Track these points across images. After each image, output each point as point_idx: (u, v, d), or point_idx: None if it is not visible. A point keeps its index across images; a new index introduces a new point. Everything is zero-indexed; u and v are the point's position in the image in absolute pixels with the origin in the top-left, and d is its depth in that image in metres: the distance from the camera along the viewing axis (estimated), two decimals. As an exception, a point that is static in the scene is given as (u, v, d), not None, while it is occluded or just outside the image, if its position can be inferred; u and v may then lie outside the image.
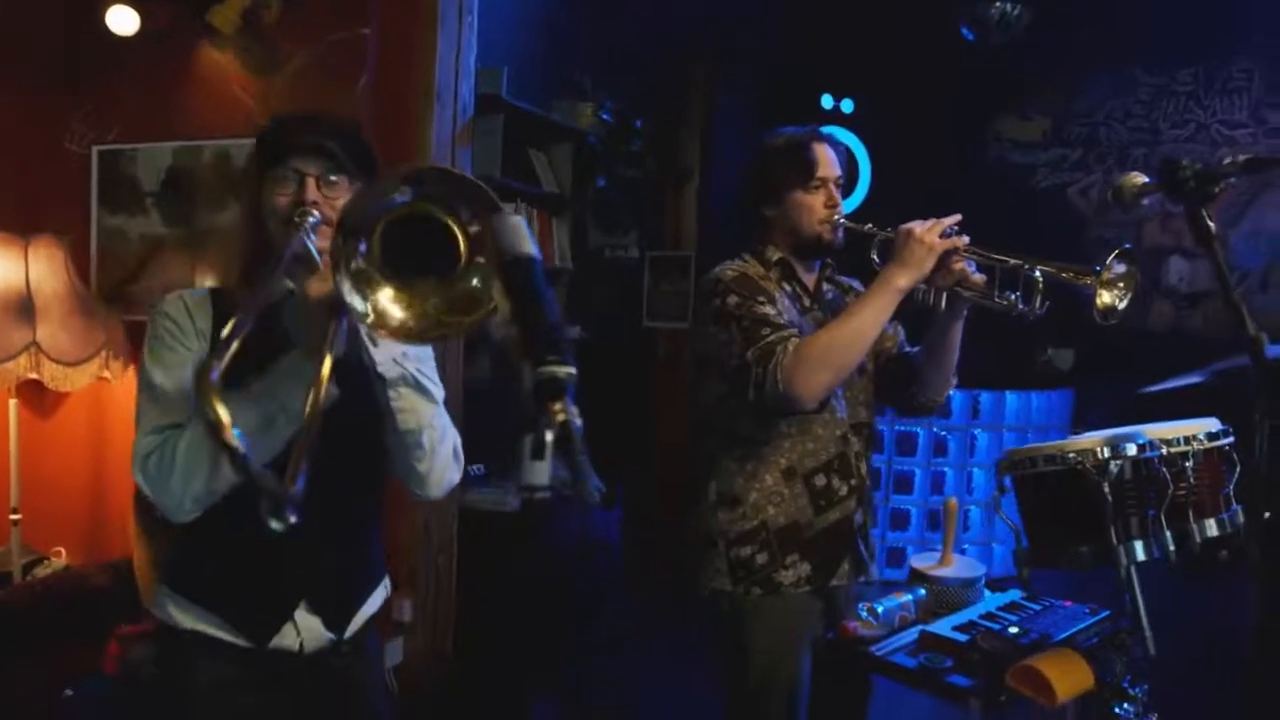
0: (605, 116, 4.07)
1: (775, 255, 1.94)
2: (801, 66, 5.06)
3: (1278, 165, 1.14)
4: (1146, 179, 1.28)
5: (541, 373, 0.64)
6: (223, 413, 0.91)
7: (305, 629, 1.47)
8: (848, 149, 2.06)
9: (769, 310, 1.80)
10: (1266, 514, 1.14)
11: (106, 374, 2.81)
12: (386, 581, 1.65)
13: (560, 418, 0.62)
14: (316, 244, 1.33)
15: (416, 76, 2.74)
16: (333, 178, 1.40)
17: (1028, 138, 5.18)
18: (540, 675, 3.31)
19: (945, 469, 4.60)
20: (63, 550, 2.94)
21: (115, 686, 2.41)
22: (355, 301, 1.10)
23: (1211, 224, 1.13)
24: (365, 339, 1.35)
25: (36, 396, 2.91)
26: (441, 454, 1.46)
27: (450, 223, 1.08)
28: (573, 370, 0.65)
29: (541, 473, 0.63)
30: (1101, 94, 4.98)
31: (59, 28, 2.95)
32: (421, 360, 1.43)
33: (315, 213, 1.35)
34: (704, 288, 1.90)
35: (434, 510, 2.90)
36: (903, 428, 4.56)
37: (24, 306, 2.67)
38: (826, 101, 5.14)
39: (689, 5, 4.30)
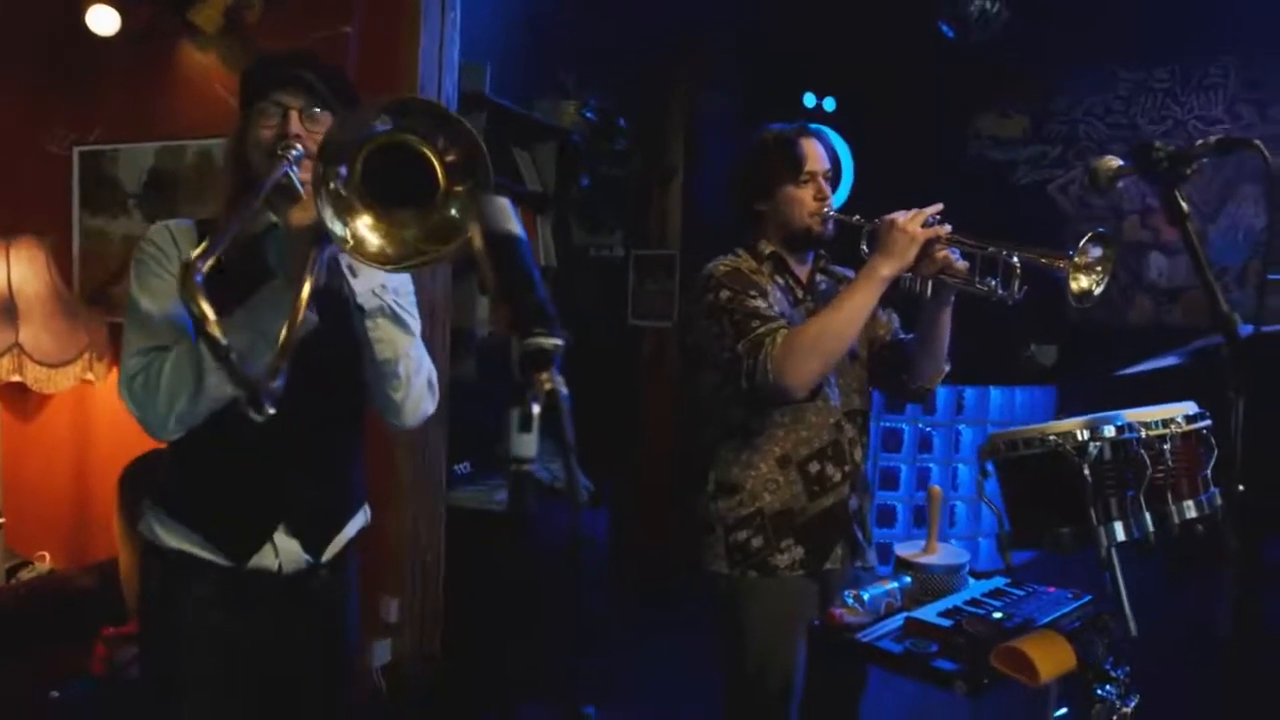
0: (589, 115, 4.08)
1: (768, 249, 1.98)
2: (784, 65, 5.08)
3: (1247, 145, 1.16)
4: (1121, 161, 1.31)
5: (529, 344, 0.65)
6: (207, 308, 0.94)
7: (284, 550, 1.51)
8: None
9: (759, 303, 1.84)
10: (1240, 487, 1.16)
11: (90, 376, 2.80)
12: (366, 509, 1.69)
13: (547, 387, 0.63)
14: (299, 176, 1.36)
15: (399, 74, 2.74)
16: (315, 111, 1.43)
17: (1008, 135, 5.22)
18: (527, 674, 3.31)
19: (930, 465, 4.63)
20: (46, 554, 2.93)
21: (101, 687, 2.41)
22: (335, 227, 1.13)
23: (1185, 204, 1.16)
24: (345, 271, 1.39)
25: (19, 399, 2.90)
26: (416, 384, 1.50)
27: (428, 152, 1.11)
28: (560, 341, 0.66)
29: (529, 445, 0.63)
30: (1081, 91, 5.02)
31: (39, 28, 2.94)
32: (400, 293, 1.47)
33: (298, 145, 1.38)
34: (696, 282, 1.95)
35: (421, 509, 2.90)
36: (888, 424, 4.59)
37: (6, 308, 2.66)
38: (809, 100, 5.17)
39: (672, 4, 4.31)
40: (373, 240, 1.14)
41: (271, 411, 0.99)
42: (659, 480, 4.67)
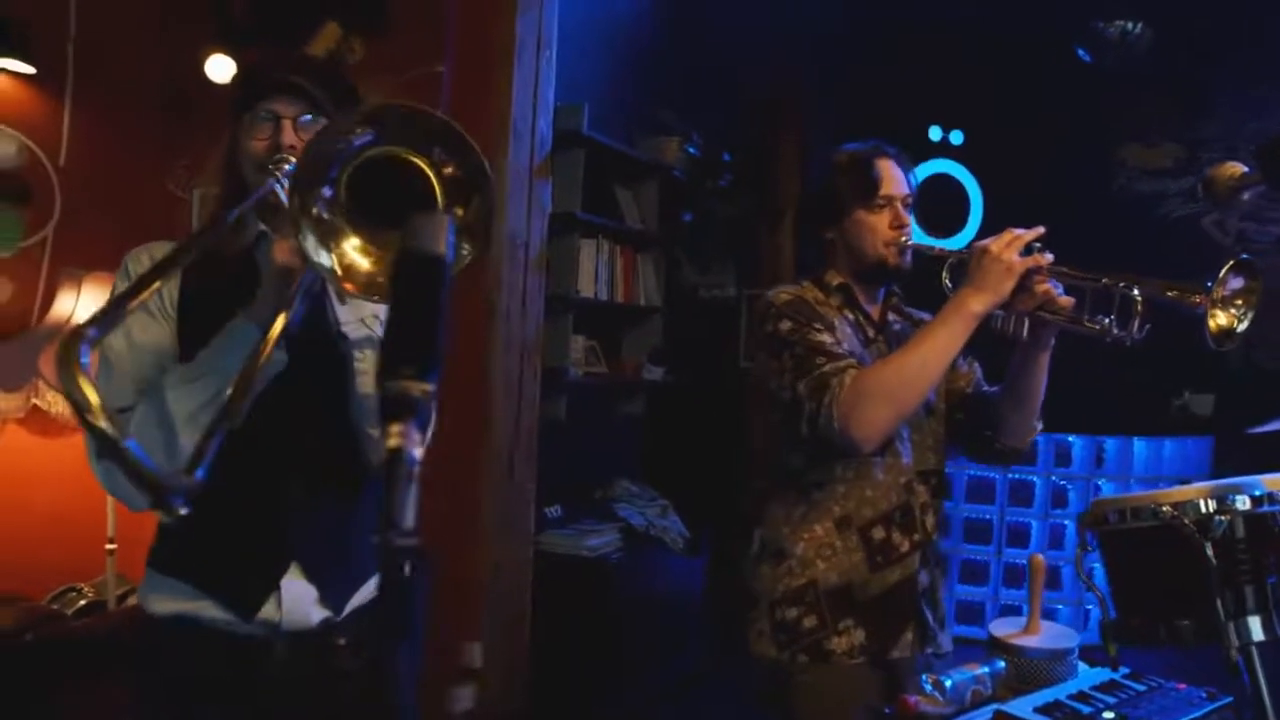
0: (691, 150, 3.99)
1: (836, 280, 1.77)
2: (906, 95, 4.85)
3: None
4: (1245, 168, 1.08)
5: (390, 387, 0.54)
6: (90, 392, 0.73)
7: (291, 598, 1.34)
8: (949, 173, 1.89)
9: (825, 338, 1.63)
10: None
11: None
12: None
13: (393, 442, 0.52)
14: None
15: (492, 112, 2.74)
16: (310, 120, 1.33)
17: (1156, 165, 4.80)
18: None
19: (1065, 521, 4.24)
20: (155, 580, 3.01)
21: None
22: (321, 257, 1.03)
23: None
24: (333, 297, 1.30)
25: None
26: None
27: (423, 165, 1.00)
28: (429, 388, 0.54)
29: (408, 511, 0.52)
30: (1238, 116, 4.57)
31: (166, 77, 3.11)
32: None
33: (292, 159, 1.27)
34: (757, 312, 1.75)
35: (505, 553, 2.83)
36: (1016, 476, 4.24)
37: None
38: (934, 133, 4.92)
39: (776, 36, 4.20)
40: (363, 265, 1.03)
41: (184, 512, 0.77)
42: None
